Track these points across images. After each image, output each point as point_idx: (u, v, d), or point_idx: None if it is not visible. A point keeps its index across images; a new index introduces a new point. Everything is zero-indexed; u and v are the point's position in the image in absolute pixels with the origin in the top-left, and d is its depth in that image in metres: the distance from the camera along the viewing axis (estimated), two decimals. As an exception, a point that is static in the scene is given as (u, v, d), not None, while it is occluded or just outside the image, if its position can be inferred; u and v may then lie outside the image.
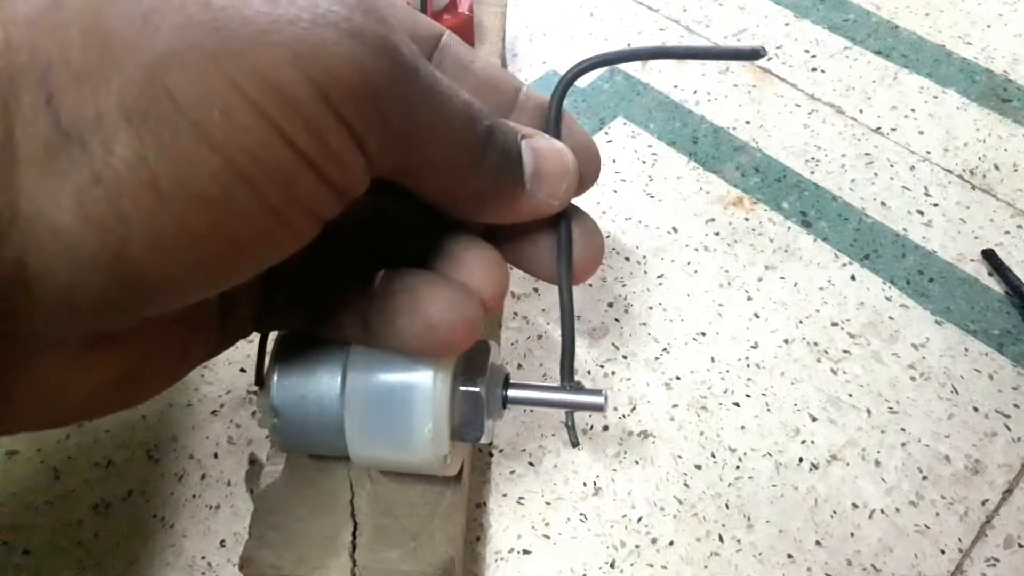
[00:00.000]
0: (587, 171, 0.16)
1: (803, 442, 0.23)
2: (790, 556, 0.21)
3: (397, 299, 0.14)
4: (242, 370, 0.24)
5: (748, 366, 0.25)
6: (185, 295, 0.12)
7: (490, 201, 0.14)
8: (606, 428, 0.23)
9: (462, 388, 0.15)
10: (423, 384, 0.15)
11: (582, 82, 0.33)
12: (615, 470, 0.23)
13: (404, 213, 0.15)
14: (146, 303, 0.11)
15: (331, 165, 0.11)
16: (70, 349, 0.11)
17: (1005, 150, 0.30)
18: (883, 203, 0.29)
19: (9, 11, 0.10)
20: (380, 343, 0.14)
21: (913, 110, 0.31)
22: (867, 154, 0.30)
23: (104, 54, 0.10)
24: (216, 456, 0.23)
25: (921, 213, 0.29)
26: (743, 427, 0.24)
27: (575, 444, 0.16)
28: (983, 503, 0.22)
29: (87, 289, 0.10)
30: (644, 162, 0.30)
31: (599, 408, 0.15)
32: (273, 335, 0.16)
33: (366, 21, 0.11)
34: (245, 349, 0.24)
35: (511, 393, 0.16)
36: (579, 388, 0.16)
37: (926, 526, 0.22)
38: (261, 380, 0.16)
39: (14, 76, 0.10)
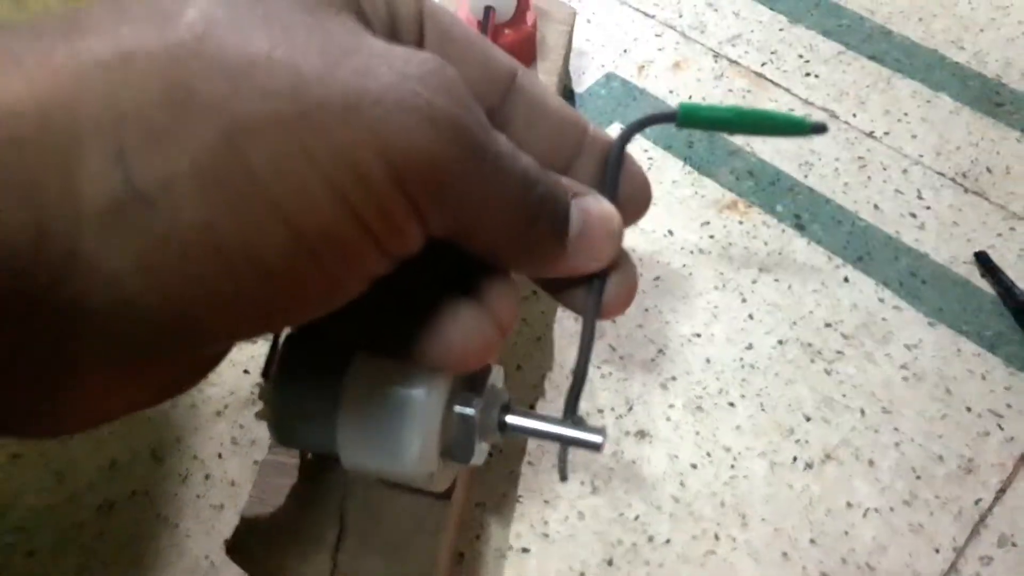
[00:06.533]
0: (635, 212, 0.16)
1: (797, 442, 0.24)
2: (785, 554, 0.22)
3: (417, 312, 0.14)
4: (246, 371, 0.24)
5: (743, 367, 0.25)
6: (232, 340, 0.12)
7: (531, 260, 0.14)
8: (603, 426, 0.24)
9: (456, 408, 0.15)
10: (416, 401, 0.15)
11: (578, 87, 0.33)
12: (612, 469, 0.23)
13: None
14: (195, 346, 0.12)
15: (393, 239, 0.12)
16: (122, 371, 0.12)
17: (997, 153, 0.30)
18: (876, 206, 0.29)
19: (83, 55, 0.10)
20: (392, 352, 0.15)
21: (906, 114, 0.32)
22: (860, 158, 0.31)
23: (182, 113, 0.10)
24: (220, 456, 0.23)
25: (914, 216, 0.29)
26: (738, 427, 0.24)
27: (564, 479, 0.16)
28: (977, 502, 0.22)
29: (140, 331, 0.11)
30: (640, 166, 0.30)
31: (596, 448, 0.15)
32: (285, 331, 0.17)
33: (446, 104, 0.11)
34: (249, 350, 0.24)
35: (509, 420, 0.16)
36: (580, 424, 0.16)
37: (920, 525, 0.22)
38: (268, 372, 0.16)
39: (79, 132, 0.10)
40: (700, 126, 0.19)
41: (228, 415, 0.24)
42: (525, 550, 0.22)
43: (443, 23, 0.14)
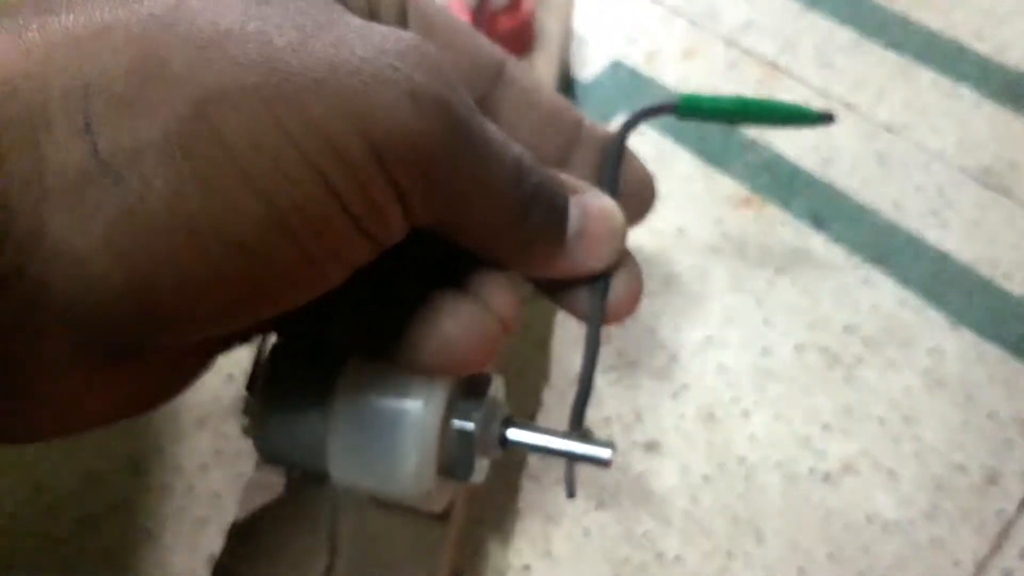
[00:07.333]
0: (639, 210, 0.16)
1: (815, 452, 0.23)
2: (801, 570, 0.21)
3: (416, 311, 0.13)
4: (230, 376, 0.23)
5: (758, 373, 0.24)
6: (204, 330, 0.11)
7: (528, 257, 0.14)
8: (610, 438, 0.23)
9: (455, 423, 0.14)
10: (412, 414, 0.14)
11: (584, 76, 0.32)
12: (619, 482, 0.22)
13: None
14: (165, 334, 0.11)
15: (372, 219, 0.11)
16: (92, 364, 0.11)
17: (1020, 149, 0.29)
18: (897, 203, 0.28)
19: (54, 30, 0.10)
20: (387, 355, 0.14)
21: (927, 107, 0.31)
22: (880, 152, 0.29)
23: (151, 83, 0.10)
24: (203, 468, 0.22)
25: (936, 214, 0.28)
26: (753, 437, 0.23)
27: (572, 495, 0.15)
28: (999, 513, 0.22)
29: (106, 315, 0.10)
30: (648, 160, 0.29)
31: (605, 463, 0.14)
32: (271, 341, 0.16)
33: (426, 80, 0.11)
34: (234, 355, 0.23)
35: (511, 434, 0.15)
36: (587, 436, 0.15)
37: (941, 538, 0.21)
38: (253, 385, 0.15)
39: (47, 103, 0.10)
40: (702, 117, 0.18)
41: (212, 424, 0.23)
42: (527, 568, 0.21)
43: (427, 12, 0.14)
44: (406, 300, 0.14)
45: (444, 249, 0.14)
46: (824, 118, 0.19)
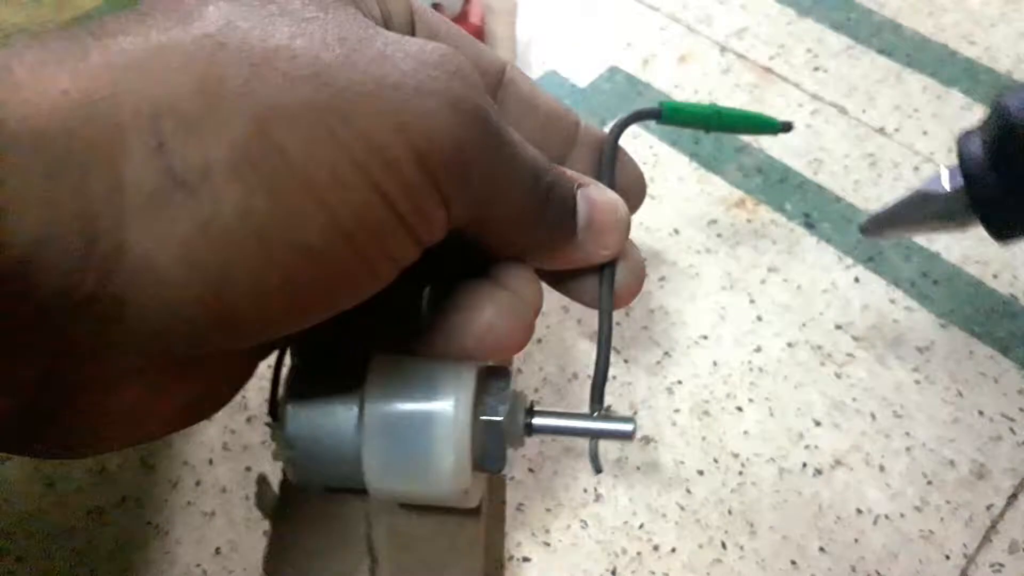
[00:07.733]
0: (633, 204, 0.17)
1: (807, 447, 0.23)
2: (793, 563, 0.21)
3: (453, 302, 0.14)
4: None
5: (751, 370, 0.24)
6: (273, 333, 0.12)
7: (543, 250, 0.15)
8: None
9: (483, 418, 0.15)
10: (444, 415, 0.14)
11: (581, 81, 0.32)
12: (616, 476, 0.22)
13: None
14: (237, 340, 0.12)
15: (420, 223, 0.12)
16: (155, 375, 0.12)
17: (1009, 150, 0.30)
18: (887, 205, 0.29)
19: (115, 52, 0.10)
20: (423, 348, 0.14)
21: (916, 110, 0.31)
22: (870, 154, 0.30)
23: (213, 102, 0.10)
24: (211, 462, 0.22)
25: (925, 214, 0.28)
26: (746, 432, 0.23)
27: (598, 471, 0.16)
28: (988, 508, 0.22)
29: (182, 326, 0.11)
30: (645, 163, 0.30)
31: (628, 437, 0.15)
32: (287, 365, 0.16)
33: (463, 90, 0.12)
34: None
35: (536, 421, 0.15)
36: (607, 415, 0.15)
37: (931, 531, 0.22)
38: (275, 411, 0.15)
39: (121, 123, 0.10)
40: (682, 123, 0.20)
41: (219, 420, 0.23)
42: (526, 559, 0.21)
43: (432, 22, 0.15)
44: (437, 295, 0.14)
45: (464, 247, 0.14)
46: (785, 127, 0.22)
